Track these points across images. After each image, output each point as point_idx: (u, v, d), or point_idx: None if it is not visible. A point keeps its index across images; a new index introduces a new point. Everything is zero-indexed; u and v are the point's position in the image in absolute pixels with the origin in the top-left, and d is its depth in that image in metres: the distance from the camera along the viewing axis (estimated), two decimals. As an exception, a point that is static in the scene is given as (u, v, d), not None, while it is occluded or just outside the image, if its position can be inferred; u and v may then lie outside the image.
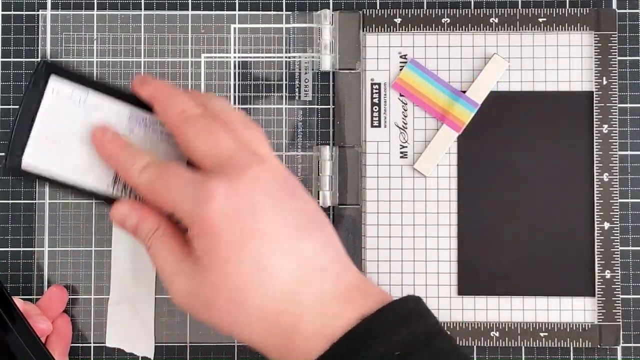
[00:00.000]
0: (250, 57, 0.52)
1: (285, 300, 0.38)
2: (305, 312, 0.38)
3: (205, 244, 0.39)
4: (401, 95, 0.51)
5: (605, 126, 0.51)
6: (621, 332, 0.50)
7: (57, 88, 0.45)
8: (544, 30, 0.51)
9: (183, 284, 0.40)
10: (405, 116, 0.51)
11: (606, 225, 0.51)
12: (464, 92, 0.51)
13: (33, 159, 0.45)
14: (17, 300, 0.46)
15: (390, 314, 0.38)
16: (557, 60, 0.51)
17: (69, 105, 0.45)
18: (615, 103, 0.51)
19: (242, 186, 0.39)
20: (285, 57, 0.52)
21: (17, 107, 0.51)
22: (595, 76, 0.51)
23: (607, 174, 0.51)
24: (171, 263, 0.41)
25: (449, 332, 0.50)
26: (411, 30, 0.51)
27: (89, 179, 0.45)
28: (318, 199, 0.51)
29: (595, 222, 0.51)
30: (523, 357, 0.51)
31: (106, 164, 0.45)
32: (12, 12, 0.52)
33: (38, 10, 0.52)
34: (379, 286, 0.43)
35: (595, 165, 0.51)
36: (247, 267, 0.38)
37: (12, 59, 0.52)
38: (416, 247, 0.51)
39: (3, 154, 0.51)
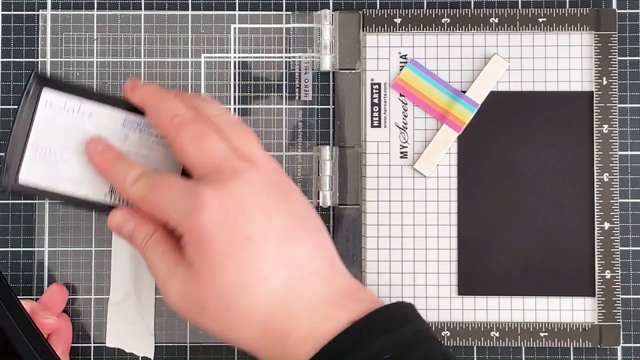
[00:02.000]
0: (250, 57, 0.52)
1: (275, 304, 0.39)
2: (295, 316, 0.39)
3: (197, 250, 0.40)
4: (401, 95, 0.51)
5: (605, 126, 0.51)
6: (621, 332, 0.50)
7: (50, 99, 0.45)
8: (544, 30, 0.51)
9: (177, 287, 0.41)
10: (405, 116, 0.51)
11: (606, 225, 0.51)
12: (464, 92, 0.51)
13: (29, 174, 0.45)
14: (22, 300, 0.46)
15: (379, 319, 0.38)
16: (557, 60, 0.51)
17: (63, 116, 0.45)
18: (615, 103, 0.51)
19: (233, 193, 0.39)
20: (285, 57, 0.52)
21: (17, 107, 0.51)
22: (595, 76, 0.51)
23: (607, 174, 0.51)
24: (166, 267, 0.41)
25: (448, 333, 0.50)
26: (411, 30, 0.51)
27: (85, 190, 0.45)
28: (318, 199, 0.51)
29: (595, 222, 0.51)
30: (523, 357, 0.51)
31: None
32: (12, 12, 0.52)
33: (38, 10, 0.52)
34: (372, 292, 0.43)
35: (595, 165, 0.51)
36: (238, 273, 0.39)
37: (12, 59, 0.52)
38: (416, 247, 0.51)
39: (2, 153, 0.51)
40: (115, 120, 0.46)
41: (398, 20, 0.51)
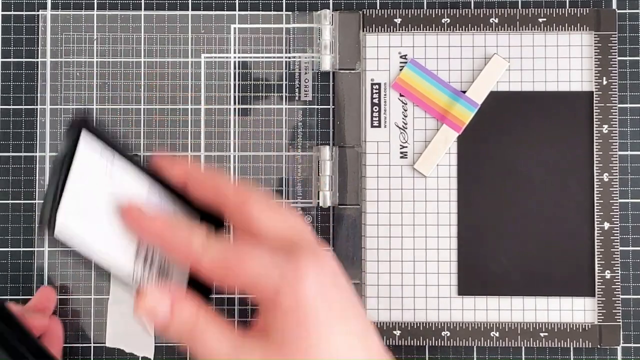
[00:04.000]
0: (250, 57, 0.52)
1: None
2: None
3: (293, 319, 0.38)
4: (401, 95, 0.51)
5: (605, 126, 0.51)
6: (621, 332, 0.50)
7: (88, 143, 0.41)
8: (544, 30, 0.51)
9: (256, 357, 0.39)
10: (405, 116, 0.51)
11: (606, 225, 0.51)
12: (464, 92, 0.51)
13: (66, 216, 0.41)
14: (10, 305, 0.46)
15: None
16: (557, 60, 0.51)
17: (98, 165, 0.42)
18: (615, 103, 0.51)
19: (325, 265, 0.39)
20: (285, 57, 0.52)
21: (17, 106, 0.51)
22: (595, 76, 0.51)
23: (607, 174, 0.51)
24: (230, 343, 0.39)
25: (448, 333, 0.50)
26: (411, 30, 0.51)
27: (112, 251, 0.42)
28: (318, 199, 0.51)
29: (595, 222, 0.51)
30: (523, 357, 0.51)
31: (127, 236, 0.41)
32: (12, 12, 0.52)
33: (38, 10, 0.52)
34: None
35: (595, 165, 0.51)
36: (334, 345, 0.38)
37: (12, 59, 0.52)
38: (416, 247, 0.51)
39: (7, 151, 0.51)
40: (141, 183, 0.42)
41: (398, 20, 0.51)
